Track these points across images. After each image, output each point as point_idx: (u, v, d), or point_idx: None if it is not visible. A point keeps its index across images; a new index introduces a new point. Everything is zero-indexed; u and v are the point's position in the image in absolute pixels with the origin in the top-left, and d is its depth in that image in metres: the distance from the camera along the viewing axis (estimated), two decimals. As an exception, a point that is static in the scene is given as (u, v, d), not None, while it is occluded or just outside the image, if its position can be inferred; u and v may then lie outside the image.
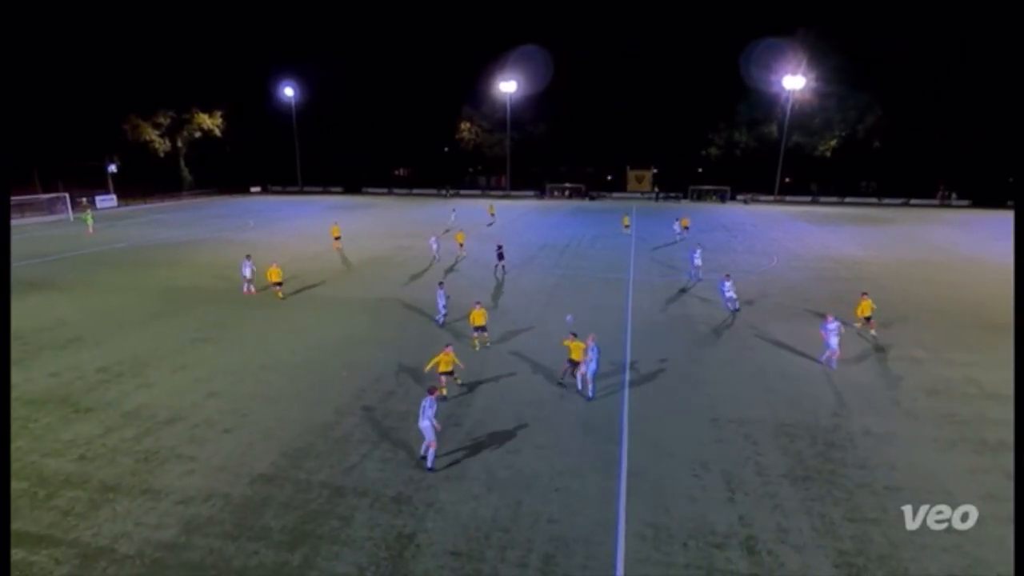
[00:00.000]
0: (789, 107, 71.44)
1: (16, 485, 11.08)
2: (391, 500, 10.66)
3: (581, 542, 9.57)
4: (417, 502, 10.59)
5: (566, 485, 11.11)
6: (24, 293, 25.47)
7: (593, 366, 14.45)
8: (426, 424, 11.39)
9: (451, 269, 30.41)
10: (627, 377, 16.22)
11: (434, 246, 31.25)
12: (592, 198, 76.86)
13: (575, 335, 14.99)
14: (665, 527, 9.93)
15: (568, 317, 16.99)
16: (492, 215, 50.59)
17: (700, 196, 76.34)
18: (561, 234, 43.86)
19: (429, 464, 11.55)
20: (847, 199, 73.73)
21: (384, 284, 27.18)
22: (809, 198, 75.45)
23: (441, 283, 21.73)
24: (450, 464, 11.81)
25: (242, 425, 13.50)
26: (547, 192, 79.13)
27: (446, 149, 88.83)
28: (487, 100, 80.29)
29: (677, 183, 78.13)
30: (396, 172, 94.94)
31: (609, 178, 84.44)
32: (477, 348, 17.98)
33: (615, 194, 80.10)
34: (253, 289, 24.88)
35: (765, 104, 74.34)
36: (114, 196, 63.34)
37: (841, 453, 12.24)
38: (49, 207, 53.74)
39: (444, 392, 14.37)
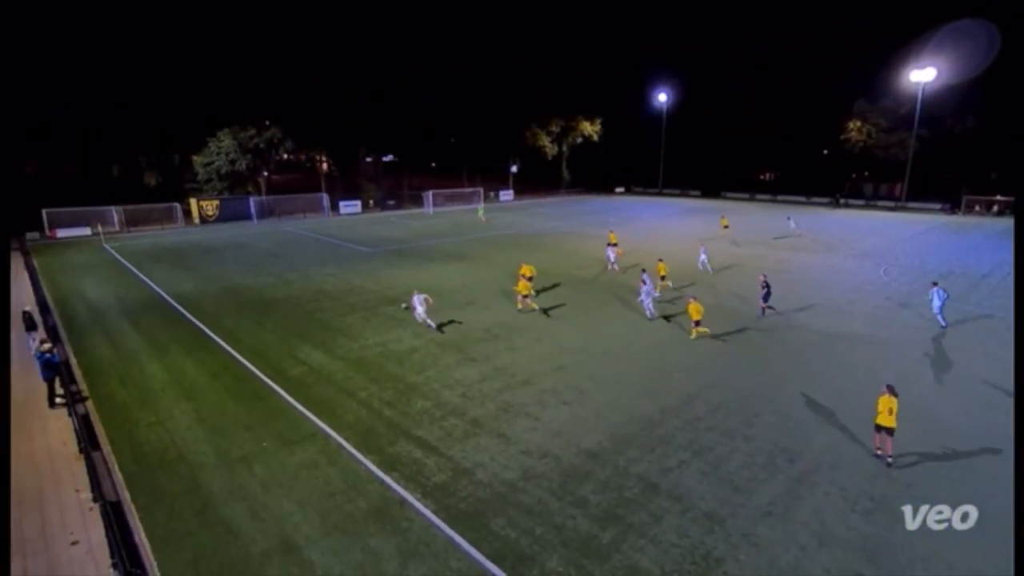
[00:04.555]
0: None
1: (422, 403, 14.92)
2: (704, 515, 10.30)
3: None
4: (731, 527, 9.97)
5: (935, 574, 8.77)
6: (444, 261, 34.07)
7: None
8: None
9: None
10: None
11: (702, 256, 30.54)
12: (1039, 216, 56.62)
13: (892, 392, 11.85)
14: None
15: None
16: (725, 226, 42.22)
17: None
18: (979, 261, 33.79)
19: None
20: None
21: (724, 296, 26.00)
22: None
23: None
24: (774, 499, 10.70)
25: (578, 400, 15.02)
26: (963, 205, 61.80)
27: (825, 152, 78.54)
28: (890, 93, 67.06)
29: None
30: (761, 176, 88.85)
31: None
32: (694, 336, 19.03)
33: (1084, 212, 57.15)
34: (617, 267, 30.26)
35: None
36: (511, 191, 78.68)
37: None
38: (469, 198, 70.36)
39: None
